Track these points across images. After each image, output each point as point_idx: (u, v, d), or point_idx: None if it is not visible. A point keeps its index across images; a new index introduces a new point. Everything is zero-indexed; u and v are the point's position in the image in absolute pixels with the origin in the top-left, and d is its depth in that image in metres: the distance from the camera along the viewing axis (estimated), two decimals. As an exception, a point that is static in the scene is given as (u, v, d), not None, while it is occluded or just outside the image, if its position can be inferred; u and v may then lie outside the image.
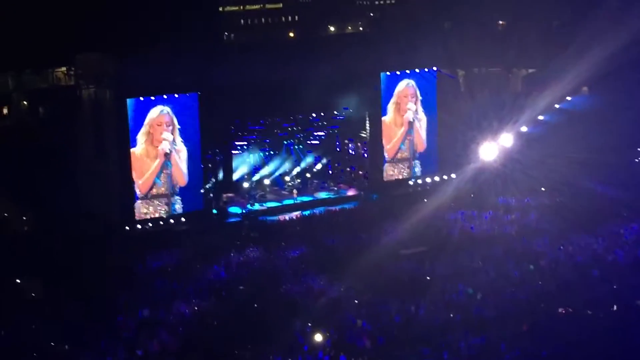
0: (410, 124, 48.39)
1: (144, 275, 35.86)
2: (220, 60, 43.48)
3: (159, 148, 42.02)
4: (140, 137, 41.55)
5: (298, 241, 39.31)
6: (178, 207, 42.84)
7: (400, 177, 48.72)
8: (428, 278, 33.89)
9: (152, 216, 42.19)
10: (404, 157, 48.66)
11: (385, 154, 48.18)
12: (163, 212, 42.48)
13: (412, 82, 48.08)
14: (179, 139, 42.54)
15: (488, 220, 41.47)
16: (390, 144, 48.16)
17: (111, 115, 41.60)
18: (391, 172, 48.59)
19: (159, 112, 41.82)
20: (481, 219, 41.60)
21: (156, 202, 42.32)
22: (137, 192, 41.87)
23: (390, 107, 47.92)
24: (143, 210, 42.09)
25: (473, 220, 41.45)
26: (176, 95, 42.24)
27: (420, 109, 48.47)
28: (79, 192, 42.14)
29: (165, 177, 42.36)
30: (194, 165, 43.24)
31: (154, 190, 42.25)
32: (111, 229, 40.67)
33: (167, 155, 42.15)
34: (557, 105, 48.63)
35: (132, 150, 41.43)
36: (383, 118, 47.83)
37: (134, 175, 41.67)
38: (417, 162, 49.01)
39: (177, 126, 42.36)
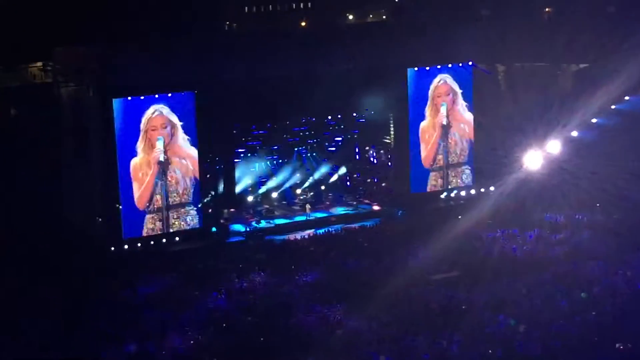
0: (444, 127, 48.53)
1: (133, 304, 35.92)
2: (221, 53, 43.42)
3: (152, 156, 42.26)
4: (140, 144, 41.87)
5: (311, 264, 39.35)
6: (190, 219, 43.28)
7: (442, 188, 49.07)
8: (463, 308, 33.87)
9: (159, 232, 42.58)
10: (442, 165, 48.88)
11: (424, 163, 48.38)
12: (176, 226, 43.03)
13: (446, 78, 48.22)
14: (185, 138, 42.73)
15: (533, 240, 41.42)
16: (425, 151, 48.36)
17: (94, 118, 41.77)
18: (434, 183, 48.73)
19: (151, 114, 42.06)
20: (525, 238, 41.53)
21: (157, 216, 42.68)
22: (138, 206, 42.16)
23: (427, 109, 48.10)
24: (149, 225, 42.46)
25: (515, 240, 41.40)
26: (169, 95, 42.38)
27: (463, 105, 48.59)
28: (57, 207, 42.34)
29: (160, 188, 42.55)
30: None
31: (156, 204, 42.54)
32: (95, 250, 40.89)
33: (161, 164, 42.34)
34: (613, 106, 48.53)
35: (133, 160, 41.75)
36: (421, 123, 47.99)
37: (136, 187, 41.99)
38: (464, 168, 49.20)
39: (179, 123, 42.56)
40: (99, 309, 34.87)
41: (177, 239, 43.09)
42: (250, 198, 48.11)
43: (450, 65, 48.15)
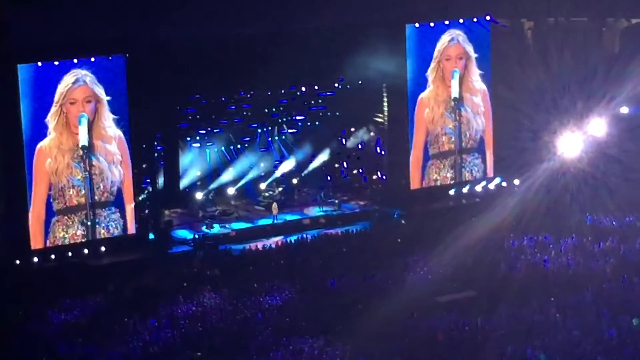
0: (457, 101, 48.86)
1: (44, 335, 35.85)
2: (160, 5, 43.47)
3: (69, 138, 42.29)
4: (51, 121, 41.88)
5: (280, 282, 39.43)
6: (114, 225, 43.50)
7: (448, 182, 49.44)
8: (479, 338, 33.93)
9: (73, 241, 42.62)
10: (450, 150, 49.31)
11: (414, 148, 48.68)
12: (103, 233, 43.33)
13: (459, 36, 48.58)
14: (111, 117, 42.82)
15: (569, 249, 41.64)
16: (421, 133, 48.69)
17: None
18: (435, 176, 49.07)
19: (71, 84, 42.10)
20: (559, 248, 41.77)
21: (76, 219, 42.78)
22: (53, 204, 42.29)
23: (431, 74, 48.39)
24: (59, 233, 42.51)
25: (546, 250, 41.62)
26: (92, 59, 42.42)
27: (477, 73, 49.05)
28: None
29: (84, 180, 42.68)
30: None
31: (74, 201, 42.66)
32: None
33: (85, 148, 42.41)
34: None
35: (40, 144, 41.76)
36: (421, 95, 48.26)
37: (42, 180, 41.98)
38: (472, 158, 49.77)
39: (106, 97, 42.67)
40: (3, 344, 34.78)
41: (102, 249, 43.18)
42: (199, 195, 48.30)
43: (461, 21, 48.47)
